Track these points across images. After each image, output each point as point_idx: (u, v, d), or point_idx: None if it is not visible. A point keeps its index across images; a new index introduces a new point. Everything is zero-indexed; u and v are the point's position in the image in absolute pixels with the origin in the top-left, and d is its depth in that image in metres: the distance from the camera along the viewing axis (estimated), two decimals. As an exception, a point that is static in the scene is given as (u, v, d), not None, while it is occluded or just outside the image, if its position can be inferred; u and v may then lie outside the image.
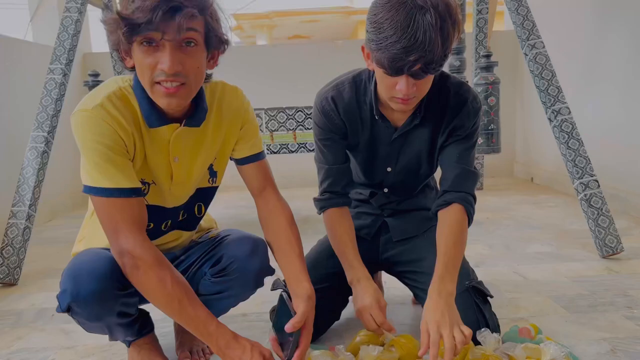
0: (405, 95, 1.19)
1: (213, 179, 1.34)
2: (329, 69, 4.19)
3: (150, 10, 0.97)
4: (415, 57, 1.11)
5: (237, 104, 1.27)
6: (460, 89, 1.36)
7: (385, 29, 1.12)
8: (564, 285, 1.93)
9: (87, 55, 4.42)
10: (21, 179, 2.36)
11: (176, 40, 1.02)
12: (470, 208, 1.40)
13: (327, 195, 1.47)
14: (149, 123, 1.14)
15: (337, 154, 1.46)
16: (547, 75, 2.42)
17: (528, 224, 2.91)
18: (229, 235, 1.35)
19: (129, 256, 1.08)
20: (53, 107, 2.45)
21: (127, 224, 1.08)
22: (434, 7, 1.11)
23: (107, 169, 1.07)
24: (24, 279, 2.28)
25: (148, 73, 1.05)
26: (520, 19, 2.52)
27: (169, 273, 1.10)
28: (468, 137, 1.39)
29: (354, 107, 1.40)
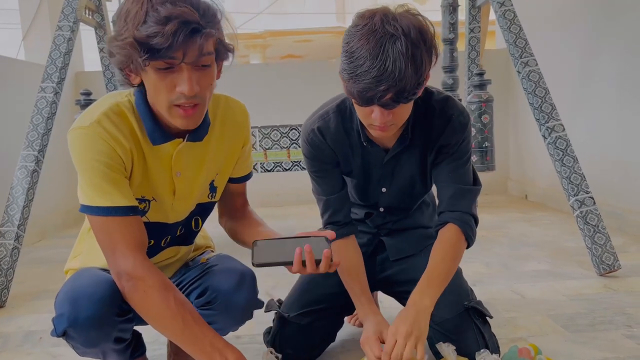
0: (381, 123, 1.16)
1: (213, 195, 1.31)
2: (322, 88, 4.20)
3: (172, 36, 0.95)
4: (385, 87, 1.07)
5: (242, 120, 1.27)
6: (445, 105, 1.32)
7: (355, 59, 1.09)
8: (563, 304, 1.90)
9: (79, 73, 4.40)
10: (10, 198, 2.32)
11: (195, 62, 1.00)
12: (467, 227, 1.35)
13: (331, 227, 1.42)
14: (153, 140, 1.12)
15: (333, 183, 1.42)
16: (541, 92, 2.42)
17: (524, 241, 2.89)
18: (216, 265, 1.29)
19: (127, 277, 1.04)
20: (44, 125, 2.42)
21: (125, 244, 1.05)
22: (405, 34, 1.08)
23: (103, 188, 1.05)
24: (11, 301, 2.23)
25: (165, 96, 1.03)
26: (512, 37, 2.53)
27: (172, 292, 1.06)
28: (459, 153, 1.35)
29: (341, 136, 1.37)
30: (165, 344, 1.57)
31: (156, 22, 0.94)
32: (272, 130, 2.84)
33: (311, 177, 1.45)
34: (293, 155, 2.81)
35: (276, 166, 2.84)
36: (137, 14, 0.96)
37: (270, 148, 2.82)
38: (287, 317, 1.45)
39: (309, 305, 1.46)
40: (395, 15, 1.11)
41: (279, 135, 2.83)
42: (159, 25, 0.94)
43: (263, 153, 2.80)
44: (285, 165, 2.84)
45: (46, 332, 1.85)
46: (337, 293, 1.43)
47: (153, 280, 1.04)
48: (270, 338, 1.47)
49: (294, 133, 2.82)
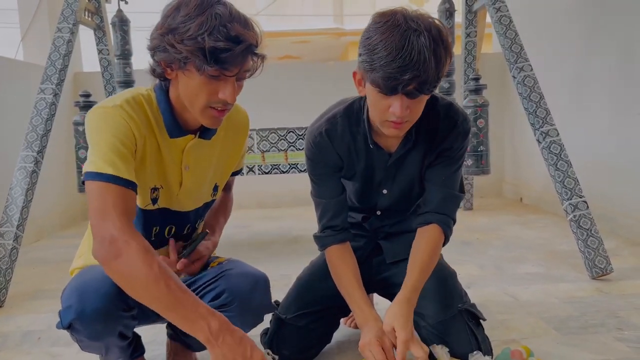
0: (398, 117, 1.19)
1: (214, 193, 1.40)
2: (320, 90, 4.24)
3: (238, 55, 1.06)
4: (410, 76, 1.12)
5: (243, 122, 1.37)
6: (450, 111, 1.37)
7: (379, 50, 1.13)
8: (555, 307, 1.93)
9: (78, 74, 4.41)
10: (9, 199, 2.33)
11: (242, 76, 1.13)
12: (448, 230, 1.43)
13: (328, 232, 1.45)
14: (170, 133, 1.21)
15: (334, 186, 1.45)
16: (536, 97, 2.45)
17: (518, 244, 2.92)
18: (232, 269, 1.33)
19: (111, 240, 1.02)
20: (43, 126, 2.43)
21: (117, 211, 1.06)
22: (427, 30, 1.14)
23: (112, 159, 1.09)
24: (10, 301, 2.24)
25: (205, 98, 1.12)
26: (508, 42, 2.56)
27: (155, 257, 1.04)
28: (455, 159, 1.39)
29: (348, 139, 1.40)
30: (164, 344, 1.59)
31: (227, 38, 1.05)
32: (270, 133, 2.86)
33: (312, 180, 1.47)
34: (291, 158, 2.83)
35: (273, 168, 2.86)
36: (203, 24, 1.05)
37: (268, 150, 2.84)
38: (284, 318, 1.47)
39: (305, 307, 1.48)
40: (415, 14, 1.17)
41: (277, 138, 2.85)
42: (230, 43, 1.05)
43: (261, 155, 2.82)
44: (283, 167, 2.86)
45: (45, 331, 1.87)
46: (334, 295, 1.45)
47: (137, 244, 1.03)
48: (267, 339, 1.49)
49: (291, 136, 2.84)
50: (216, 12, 1.06)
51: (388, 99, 1.19)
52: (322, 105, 1.53)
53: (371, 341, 1.28)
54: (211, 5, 1.07)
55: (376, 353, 1.26)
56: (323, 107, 1.48)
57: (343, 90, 1.60)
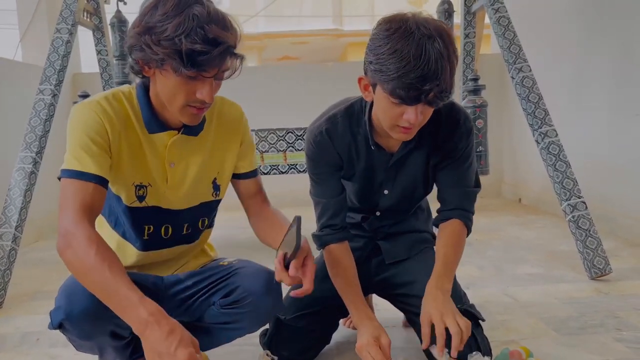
0: (412, 124, 1.20)
1: (216, 193, 1.37)
2: (319, 91, 4.24)
3: (217, 57, 1.06)
4: (430, 86, 1.12)
5: (236, 116, 1.35)
6: (452, 110, 1.38)
7: (394, 60, 1.12)
8: (555, 307, 1.93)
9: (76, 75, 4.41)
10: (8, 200, 2.33)
11: (220, 77, 1.12)
12: (469, 222, 1.45)
13: (327, 230, 1.45)
14: (149, 129, 1.21)
15: (334, 186, 1.44)
16: (534, 98, 2.45)
17: (517, 245, 2.92)
18: (244, 267, 1.32)
19: (63, 233, 1.06)
20: (42, 127, 2.43)
21: (75, 205, 1.08)
22: (439, 35, 1.13)
23: (80, 154, 1.11)
24: (8, 302, 2.24)
25: (183, 98, 1.11)
26: (507, 43, 2.57)
27: (95, 246, 1.04)
28: (464, 157, 1.41)
29: (348, 139, 1.40)
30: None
31: (204, 40, 1.03)
32: (269, 134, 2.86)
33: (312, 179, 1.47)
34: (290, 159, 2.83)
35: (272, 169, 2.86)
36: (180, 25, 1.03)
37: (267, 151, 2.84)
38: (283, 319, 1.47)
39: (304, 308, 1.48)
40: (423, 19, 1.17)
41: (276, 139, 2.85)
42: (207, 45, 1.04)
43: (260, 156, 2.82)
44: (282, 168, 2.86)
45: (43, 333, 1.86)
46: (333, 296, 1.45)
47: (81, 235, 1.05)
48: (267, 340, 1.49)
49: (290, 136, 2.84)
50: (194, 12, 1.04)
51: (402, 106, 1.18)
52: (321, 106, 1.53)
53: (369, 342, 1.28)
54: (189, 5, 1.05)
55: (375, 354, 1.26)
56: (322, 108, 1.48)
57: (342, 91, 1.60)
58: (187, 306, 1.33)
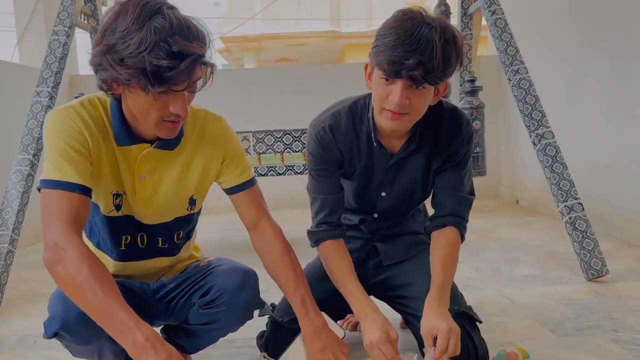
0: (397, 105, 1.20)
1: (192, 207, 1.33)
2: (316, 92, 4.25)
3: (185, 71, 1.00)
4: (414, 61, 1.14)
5: (217, 132, 1.28)
6: (454, 115, 1.39)
7: (389, 35, 1.16)
8: (551, 309, 1.94)
9: (74, 77, 4.41)
10: (5, 202, 2.33)
11: (192, 88, 1.07)
12: (463, 230, 1.45)
13: (324, 227, 1.44)
14: (118, 141, 1.16)
15: (333, 183, 1.44)
16: (531, 100, 2.46)
17: (514, 246, 2.93)
18: (220, 266, 1.32)
19: (53, 246, 1.01)
20: (39, 129, 2.43)
21: (60, 216, 1.04)
22: (441, 29, 1.16)
23: (60, 163, 1.07)
24: (5, 304, 2.23)
25: (157, 113, 1.06)
26: (503, 45, 2.57)
27: (87, 264, 1.00)
28: (462, 162, 1.41)
29: (351, 136, 1.40)
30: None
31: (169, 55, 0.97)
32: (266, 135, 2.86)
33: (311, 175, 1.46)
34: (287, 160, 2.83)
35: (270, 170, 2.86)
36: (142, 41, 0.97)
37: (264, 152, 2.84)
38: (281, 322, 1.47)
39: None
40: (436, 16, 1.20)
41: (273, 140, 2.85)
42: (173, 60, 0.97)
43: (257, 157, 2.82)
44: (279, 169, 2.86)
45: (40, 335, 1.84)
46: (330, 298, 1.45)
47: (74, 251, 1.01)
48: (264, 342, 1.49)
49: (287, 138, 2.84)
50: (155, 25, 0.97)
51: (390, 85, 1.20)
52: (318, 107, 1.53)
53: (381, 338, 1.24)
54: (149, 17, 0.98)
55: (387, 351, 1.23)
56: (319, 109, 1.48)
57: (339, 93, 1.60)
58: (171, 309, 1.33)
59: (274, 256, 1.33)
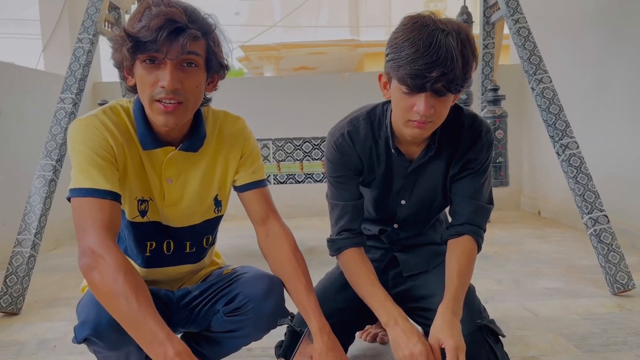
0: (422, 116, 1.19)
1: (218, 209, 1.34)
2: (336, 101, 4.25)
3: (156, 30, 1.03)
4: (437, 74, 1.13)
5: (236, 130, 1.30)
6: (474, 122, 1.37)
7: (406, 47, 1.14)
8: (575, 323, 1.89)
9: (97, 84, 4.48)
10: (28, 206, 2.36)
11: (178, 59, 1.07)
12: (480, 240, 1.41)
13: (345, 234, 1.42)
14: (143, 145, 1.18)
15: (353, 190, 1.43)
16: (555, 109, 2.42)
17: (536, 258, 2.87)
18: (245, 273, 1.32)
19: (89, 253, 1.03)
20: (62, 135, 2.46)
21: (96, 224, 1.05)
22: (455, 32, 1.15)
23: (88, 171, 1.09)
24: (26, 308, 2.25)
25: (148, 90, 1.09)
26: (527, 54, 2.54)
27: (123, 273, 1.01)
28: (481, 170, 1.39)
29: (369, 142, 1.39)
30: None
31: (147, 18, 1.04)
32: (286, 143, 2.85)
33: (330, 183, 1.45)
34: (306, 168, 2.82)
35: (289, 178, 2.85)
36: (136, 15, 1.07)
37: (284, 160, 2.84)
38: (299, 331, 1.46)
39: (321, 320, 1.46)
40: (444, 19, 1.19)
41: (293, 148, 2.84)
42: (148, 21, 1.04)
43: (276, 165, 2.82)
44: (298, 177, 2.85)
45: (60, 340, 1.87)
46: (349, 307, 1.43)
47: (111, 260, 1.02)
48: (282, 352, 1.47)
49: (307, 146, 2.83)
50: (148, 1, 1.07)
51: (413, 97, 1.19)
52: (337, 115, 1.52)
53: (422, 352, 1.19)
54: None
55: None
56: (338, 117, 1.47)
57: (358, 102, 1.59)
58: (194, 316, 1.33)
59: (285, 254, 1.31)
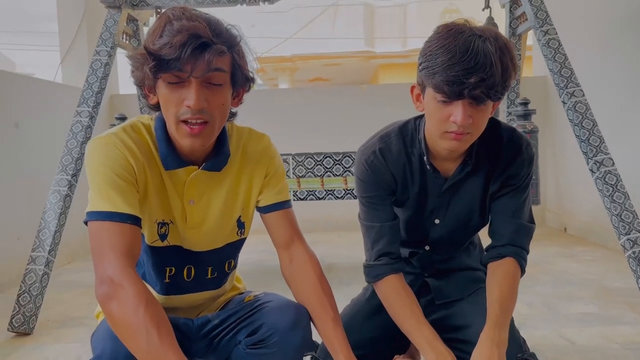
0: (460, 126, 1.11)
1: (241, 231, 1.26)
2: (354, 113, 4.17)
3: (180, 47, 0.97)
4: (476, 79, 1.05)
5: (260, 148, 1.24)
6: (514, 135, 1.28)
7: (441, 54, 1.08)
8: (616, 353, 1.77)
9: (114, 97, 4.45)
10: (42, 222, 2.30)
11: (203, 77, 1.01)
12: (524, 262, 1.32)
13: (385, 259, 1.32)
14: (166, 165, 1.11)
15: (388, 210, 1.34)
16: (588, 124, 2.31)
17: (567, 279, 2.74)
18: (270, 302, 1.22)
19: (108, 282, 0.96)
20: (78, 150, 2.41)
21: (113, 250, 0.99)
22: (493, 38, 1.08)
23: (107, 193, 1.02)
24: (38, 328, 2.19)
25: (173, 110, 1.03)
26: (557, 67, 2.44)
27: (144, 304, 0.95)
28: (523, 187, 1.29)
29: (403, 159, 1.30)
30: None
31: (169, 34, 0.98)
32: (306, 158, 2.75)
33: (363, 204, 1.36)
34: (327, 184, 2.73)
35: (309, 195, 2.76)
36: (156, 30, 1.00)
37: (304, 176, 2.74)
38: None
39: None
40: (481, 26, 1.13)
41: (313, 163, 2.74)
42: (170, 37, 0.97)
43: (296, 181, 2.73)
44: (319, 193, 2.75)
45: (72, 363, 1.80)
46: (377, 338, 1.34)
47: (131, 289, 0.96)
48: (306, 384, 1.38)
49: (328, 161, 2.73)
50: (168, 15, 1.01)
51: (449, 106, 1.11)
52: (357, 128, 1.44)
53: None
54: (169, 11, 1.02)
55: None
56: (357, 130, 1.39)
57: (377, 114, 1.51)
58: (214, 346, 1.24)
59: (311, 283, 1.23)
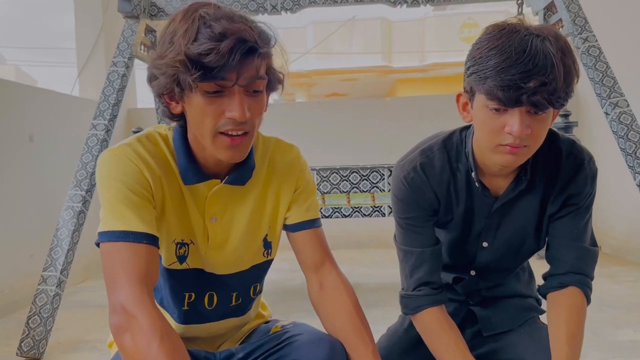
0: (517, 137, 0.96)
1: (268, 252, 1.14)
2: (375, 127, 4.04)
3: (227, 53, 0.85)
4: (536, 83, 0.91)
5: (289, 160, 1.12)
6: (574, 149, 1.13)
7: (494, 56, 0.94)
8: (679, 389, 1.59)
9: (131, 110, 4.39)
10: (55, 240, 2.20)
11: (249, 86, 0.90)
12: (589, 292, 1.16)
13: (425, 290, 1.18)
14: (185, 180, 1.01)
15: (429, 233, 1.19)
16: (635, 136, 2.15)
17: (608, 302, 2.56)
18: (300, 335, 1.09)
19: (121, 311, 0.87)
20: (93, 164, 2.31)
21: (128, 275, 0.89)
22: (553, 37, 0.94)
23: (120, 211, 0.92)
24: (49, 352, 2.08)
25: (211, 122, 0.92)
26: (599, 76, 2.29)
27: (158, 338, 0.86)
28: (585, 207, 1.14)
29: (447, 176, 1.16)
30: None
31: (210, 38, 0.86)
32: (332, 173, 2.59)
33: (400, 226, 1.21)
34: (353, 201, 2.57)
35: (335, 212, 2.60)
36: (187, 31, 0.87)
37: (329, 192, 2.58)
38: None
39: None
40: (537, 25, 0.98)
41: (339, 179, 2.58)
42: (214, 42, 0.85)
43: (321, 197, 2.57)
44: (345, 211, 2.59)
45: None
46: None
47: (145, 321, 0.86)
48: None
49: (354, 176, 2.58)
50: (200, 14, 0.88)
51: (504, 115, 0.97)
52: (380, 141, 1.31)
53: None
54: (196, 9, 0.90)
55: None
56: (381, 143, 1.26)
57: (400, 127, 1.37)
58: None
59: (346, 312, 1.10)
